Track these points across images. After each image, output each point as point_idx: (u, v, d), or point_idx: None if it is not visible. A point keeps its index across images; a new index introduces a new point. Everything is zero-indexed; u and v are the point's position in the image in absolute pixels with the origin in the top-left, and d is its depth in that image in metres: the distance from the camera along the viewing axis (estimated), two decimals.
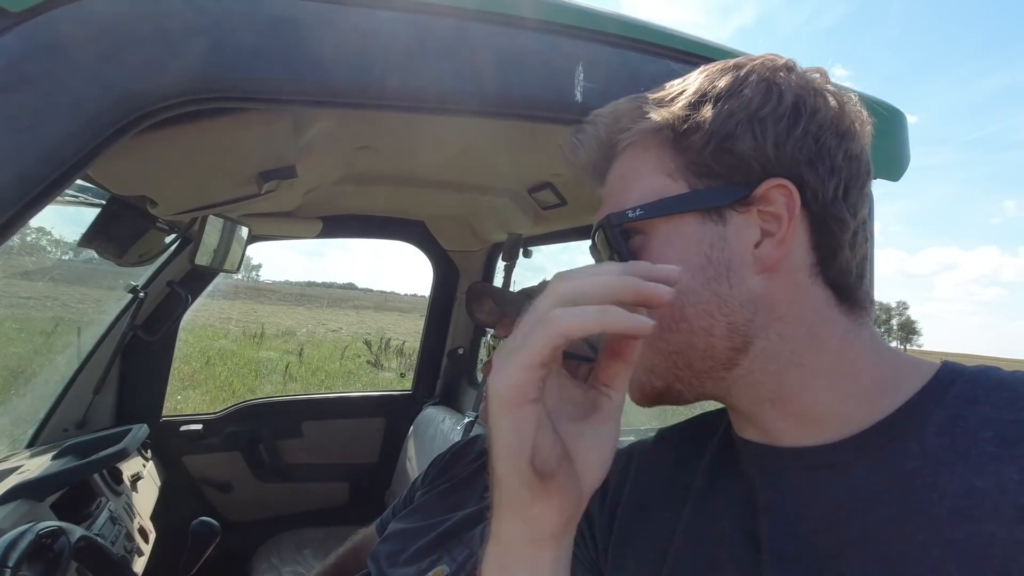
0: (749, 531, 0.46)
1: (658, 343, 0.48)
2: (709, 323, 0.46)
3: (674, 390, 0.49)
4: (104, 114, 0.47)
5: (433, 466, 1.21)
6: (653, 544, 0.52)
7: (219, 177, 0.90)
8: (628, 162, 0.51)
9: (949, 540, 0.38)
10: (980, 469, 0.39)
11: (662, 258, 0.47)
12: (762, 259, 0.46)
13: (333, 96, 0.54)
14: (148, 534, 1.54)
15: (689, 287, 0.46)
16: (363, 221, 2.15)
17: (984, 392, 0.42)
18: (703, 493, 0.52)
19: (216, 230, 1.37)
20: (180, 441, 2.10)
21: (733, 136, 0.46)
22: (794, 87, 0.47)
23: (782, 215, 0.45)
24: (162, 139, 0.64)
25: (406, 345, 12.34)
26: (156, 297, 1.90)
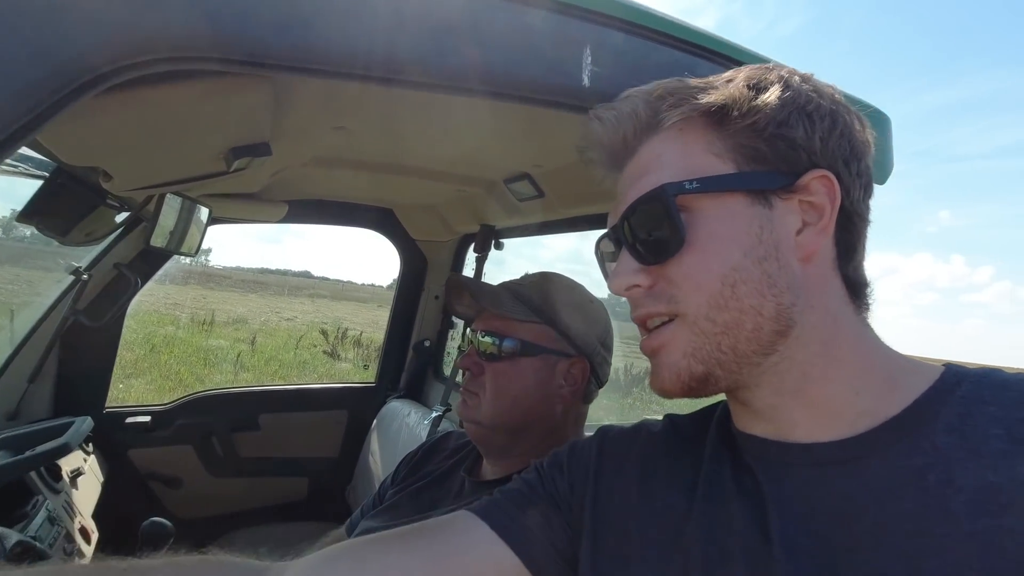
0: (760, 523, 0.46)
1: (705, 323, 0.48)
2: (760, 302, 0.47)
3: (712, 377, 0.49)
4: (55, 74, 0.41)
5: (404, 463, 1.17)
6: (662, 526, 0.52)
7: (185, 151, 0.82)
8: (670, 141, 0.50)
9: (968, 533, 0.39)
10: (993, 465, 0.41)
11: (714, 234, 0.48)
12: (803, 246, 0.48)
13: (321, 63, 0.49)
14: (90, 534, 1.44)
15: (741, 264, 0.47)
16: (330, 206, 2.07)
17: (991, 392, 0.44)
18: (712, 482, 0.52)
19: (173, 210, 1.28)
20: (126, 434, 1.98)
21: (787, 124, 0.47)
22: (827, 94, 0.51)
23: (824, 205, 0.48)
24: (123, 104, 0.57)
25: (364, 335, 12.11)
26: (101, 280, 1.77)
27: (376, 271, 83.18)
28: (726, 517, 0.49)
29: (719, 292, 0.47)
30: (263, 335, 12.30)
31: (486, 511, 0.57)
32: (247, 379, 8.68)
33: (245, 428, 2.18)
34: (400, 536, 0.57)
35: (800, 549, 0.44)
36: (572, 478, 0.59)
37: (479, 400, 0.98)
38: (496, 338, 0.98)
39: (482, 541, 0.54)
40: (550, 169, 1.36)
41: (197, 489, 2.08)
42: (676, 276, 0.48)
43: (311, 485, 2.29)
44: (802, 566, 0.43)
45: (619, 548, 0.53)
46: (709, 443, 0.55)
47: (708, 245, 0.48)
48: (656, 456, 0.57)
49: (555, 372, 0.97)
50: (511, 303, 0.99)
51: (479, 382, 0.99)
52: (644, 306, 0.51)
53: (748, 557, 0.46)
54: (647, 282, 0.50)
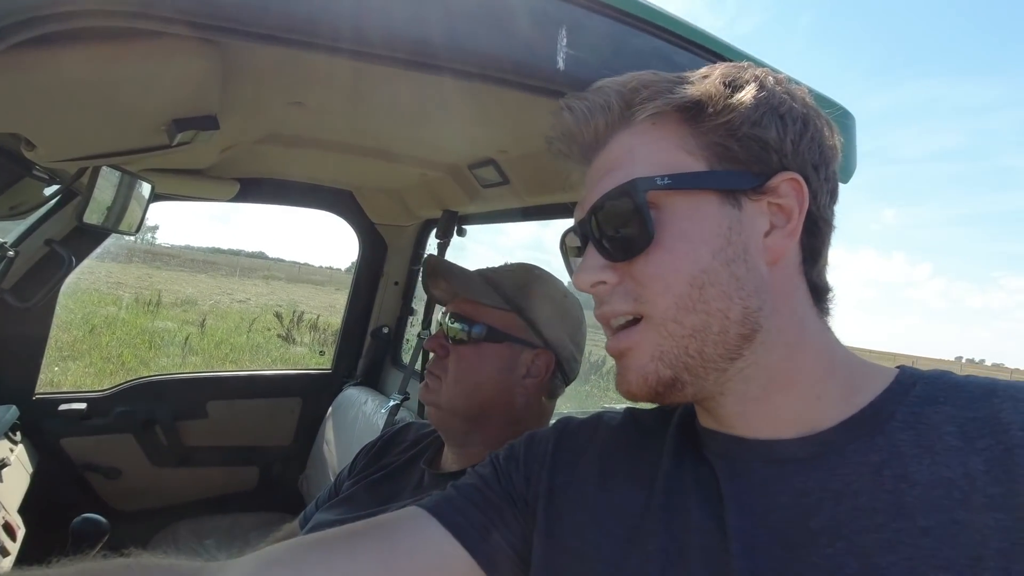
0: (718, 519, 0.47)
1: (672, 325, 0.47)
2: (727, 305, 0.46)
3: (679, 382, 0.48)
4: None
5: (363, 455, 1.13)
6: (619, 521, 0.51)
7: (119, 120, 0.74)
8: (642, 135, 0.49)
9: (922, 528, 0.40)
10: (947, 461, 0.42)
11: (683, 234, 0.47)
12: (771, 249, 0.48)
13: (276, 29, 0.45)
14: (15, 530, 1.34)
15: (710, 266, 0.46)
16: (286, 186, 1.97)
17: (944, 393, 0.46)
18: (671, 477, 0.51)
19: (111, 184, 1.18)
20: (58, 422, 1.85)
21: (760, 124, 0.47)
22: (800, 98, 0.50)
23: (792, 208, 0.48)
24: (41, 63, 0.50)
25: (320, 319, 11.83)
26: (30, 257, 1.64)
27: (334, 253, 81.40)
28: (684, 513, 0.49)
29: (687, 294, 0.46)
30: (213, 317, 11.85)
31: (437, 508, 0.55)
32: (196, 363, 8.35)
33: (191, 416, 2.08)
34: (345, 538, 0.54)
35: (757, 545, 0.44)
36: (528, 471, 0.58)
37: (440, 383, 0.98)
38: (464, 323, 0.97)
39: (432, 540, 0.53)
40: (516, 156, 1.33)
41: (138, 480, 1.97)
42: (643, 275, 0.48)
43: (261, 475, 2.22)
44: (758, 562, 0.43)
45: (574, 542, 0.52)
46: (670, 438, 0.54)
47: (677, 244, 0.47)
48: (615, 450, 0.56)
49: (519, 362, 0.96)
50: (482, 288, 0.98)
51: (443, 365, 0.98)
52: (609, 304, 0.50)
53: (705, 553, 0.46)
54: (613, 279, 0.49)
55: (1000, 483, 0.39)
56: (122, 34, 0.49)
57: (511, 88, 0.57)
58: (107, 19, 0.39)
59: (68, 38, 0.47)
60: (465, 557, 0.52)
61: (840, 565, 0.41)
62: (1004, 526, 0.38)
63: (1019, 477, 0.39)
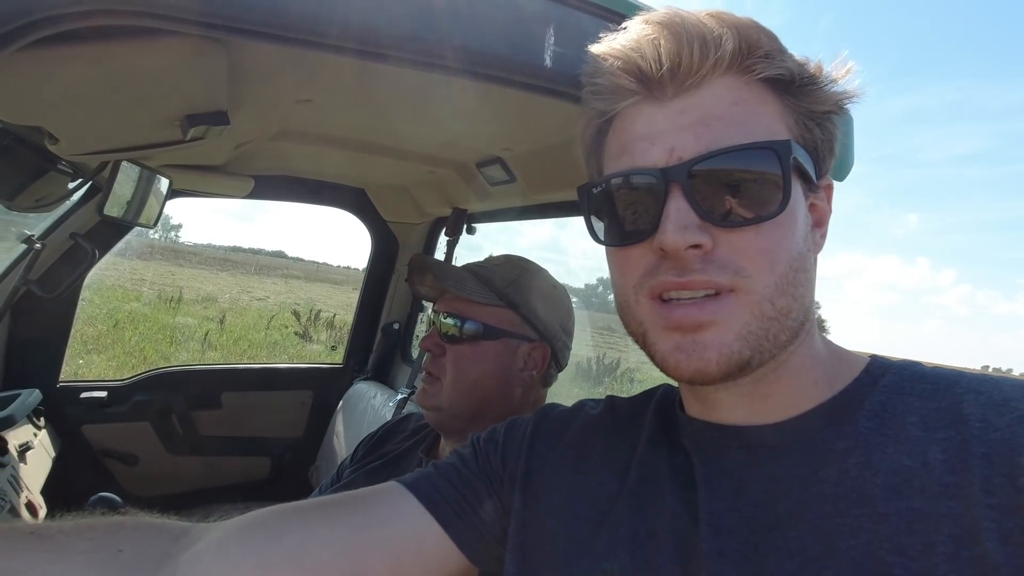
0: (689, 503, 0.48)
1: (766, 305, 0.43)
2: (805, 291, 0.46)
3: (749, 366, 0.44)
4: None
5: (363, 444, 1.17)
6: (592, 504, 0.52)
7: (135, 114, 0.79)
8: (742, 92, 0.45)
9: (881, 514, 0.41)
10: (908, 450, 0.42)
11: (794, 213, 0.45)
12: (817, 245, 0.48)
13: (273, 27, 0.47)
14: (37, 509, 1.40)
15: (802, 250, 0.45)
16: (300, 184, 2.02)
17: (910, 383, 0.46)
18: (646, 463, 0.52)
19: (130, 179, 1.23)
20: (80, 409, 1.92)
21: (828, 119, 0.47)
22: None
23: (825, 212, 0.48)
24: (64, 59, 0.54)
25: (337, 318, 11.96)
26: (56, 250, 1.70)
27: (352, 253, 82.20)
28: (656, 497, 0.50)
29: (786, 275, 0.44)
30: (233, 314, 12.06)
31: (415, 483, 0.56)
32: (214, 358, 8.51)
33: (206, 406, 2.14)
34: (323, 506, 0.55)
35: (725, 528, 0.45)
36: (505, 453, 0.59)
37: (440, 386, 0.97)
38: (458, 320, 0.97)
39: (407, 513, 0.54)
40: (520, 153, 1.35)
41: (154, 467, 2.04)
42: (751, 247, 0.43)
43: (273, 465, 2.27)
44: (726, 544, 0.44)
45: (547, 523, 0.54)
46: (647, 425, 0.55)
47: (788, 221, 0.44)
48: (593, 436, 0.58)
49: (516, 356, 0.98)
50: (474, 285, 0.99)
51: (440, 365, 0.98)
52: (703, 272, 0.43)
53: (675, 536, 0.47)
54: (709, 244, 0.43)
55: (955, 472, 0.40)
56: (132, 32, 0.52)
57: (496, 84, 0.59)
58: (115, 18, 0.42)
59: (83, 36, 0.51)
60: (438, 531, 0.54)
61: (803, 547, 0.42)
62: (956, 513, 0.39)
63: (973, 467, 0.40)
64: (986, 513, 0.38)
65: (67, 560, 0.45)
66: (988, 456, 0.39)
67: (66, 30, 0.43)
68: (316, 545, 0.50)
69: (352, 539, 0.51)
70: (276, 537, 0.51)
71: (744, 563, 0.43)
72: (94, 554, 0.46)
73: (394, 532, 0.53)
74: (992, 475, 0.39)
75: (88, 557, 0.45)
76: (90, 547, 0.46)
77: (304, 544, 0.50)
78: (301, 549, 0.50)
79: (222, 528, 0.52)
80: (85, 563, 0.45)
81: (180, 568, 0.47)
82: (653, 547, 0.47)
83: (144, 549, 0.48)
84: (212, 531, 0.51)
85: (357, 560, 0.51)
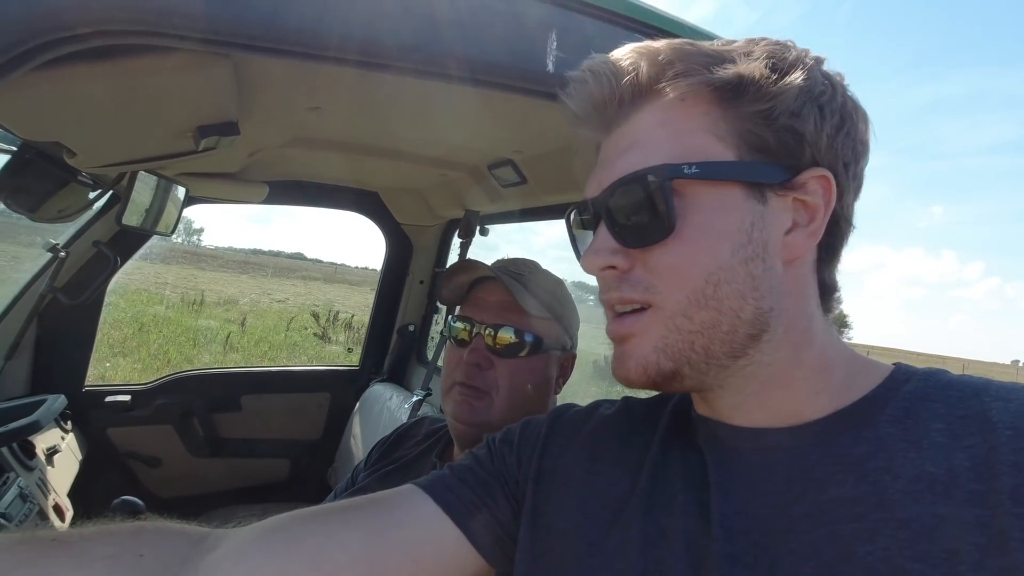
0: (701, 504, 0.47)
1: (680, 319, 0.46)
2: (740, 304, 0.45)
3: (679, 375, 0.47)
4: None
5: (377, 448, 1.17)
6: (603, 504, 0.52)
7: (148, 128, 0.80)
8: (668, 112, 0.46)
9: (901, 520, 0.40)
10: (932, 457, 0.41)
11: (705, 226, 0.45)
12: (791, 248, 0.46)
13: (274, 41, 0.48)
14: (64, 512, 1.44)
15: (728, 263, 0.45)
16: (314, 188, 2.05)
17: (935, 390, 0.45)
18: (659, 463, 0.52)
19: (148, 188, 1.26)
20: (105, 413, 1.97)
21: (800, 115, 0.44)
22: (840, 85, 0.47)
23: (818, 207, 0.46)
24: (76, 76, 0.55)
25: (355, 319, 12.08)
26: (80, 258, 1.75)
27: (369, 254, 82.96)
28: (669, 498, 0.49)
29: (701, 289, 0.45)
30: (253, 316, 12.26)
31: (431, 485, 0.56)
32: (236, 360, 8.66)
33: (226, 409, 2.18)
34: (340, 510, 0.55)
35: (737, 530, 0.44)
36: (520, 453, 0.59)
37: (489, 400, 0.92)
38: (516, 333, 0.93)
39: (424, 515, 0.54)
40: (531, 156, 1.35)
41: (177, 469, 2.08)
42: (658, 265, 0.46)
43: (292, 467, 2.30)
44: (738, 547, 0.44)
45: (559, 523, 0.53)
46: (662, 426, 0.55)
47: (698, 237, 0.45)
48: (606, 436, 0.57)
49: (554, 366, 0.97)
50: (527, 297, 0.95)
51: (487, 379, 0.93)
52: (618, 290, 0.48)
53: (687, 537, 0.46)
54: (625, 265, 0.47)
55: (982, 480, 0.39)
56: (142, 50, 0.53)
57: (501, 91, 0.59)
58: (123, 38, 0.43)
59: (95, 54, 0.52)
60: (455, 532, 0.53)
61: (818, 552, 0.41)
62: (983, 522, 0.38)
63: (1000, 474, 0.38)
64: (1015, 523, 0.37)
65: (90, 566, 0.46)
66: (1018, 464, 0.38)
67: (79, 49, 0.45)
68: (335, 549, 0.51)
69: (370, 542, 0.52)
70: (295, 541, 0.51)
71: (756, 566, 0.43)
72: (116, 560, 0.47)
73: (412, 535, 0.53)
74: (1022, 484, 0.37)
75: (110, 563, 0.46)
76: (112, 553, 0.47)
77: (323, 548, 0.51)
78: (320, 553, 0.50)
79: (241, 533, 0.52)
80: (107, 569, 0.46)
81: (200, 573, 0.48)
82: (664, 548, 0.47)
83: (164, 554, 0.49)
84: (231, 536, 0.52)
85: (376, 563, 0.51)
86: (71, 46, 0.44)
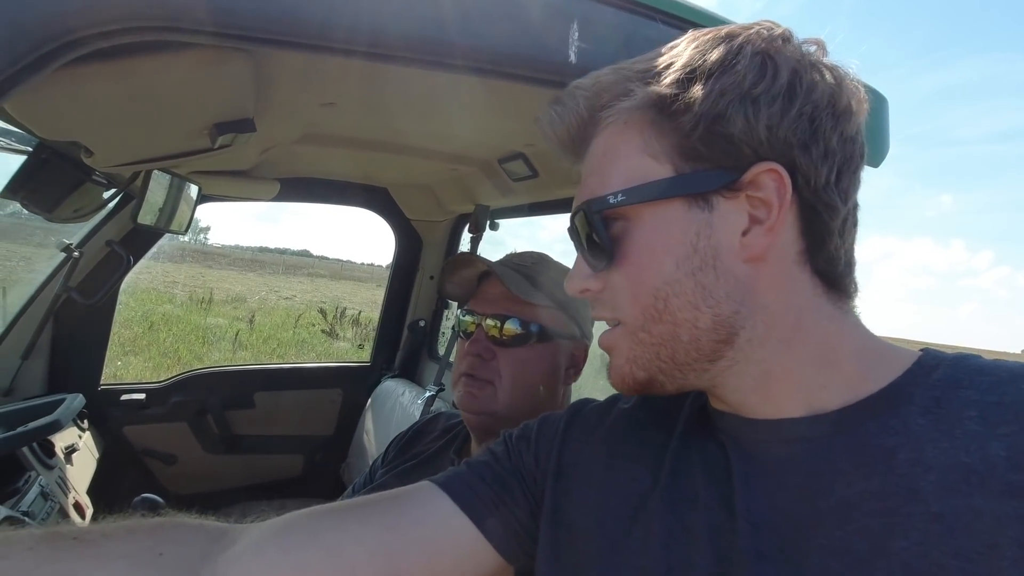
0: (726, 499, 0.46)
1: (642, 334, 0.48)
2: (694, 315, 0.46)
3: (656, 382, 0.49)
4: (18, 40, 0.39)
5: (394, 444, 1.17)
6: (623, 497, 0.51)
7: (166, 126, 0.80)
8: (611, 139, 0.48)
9: (935, 514, 0.38)
10: (965, 446, 0.40)
11: (647, 246, 0.47)
12: (750, 247, 0.45)
13: (293, 34, 0.48)
14: (85, 509, 1.45)
15: (673, 277, 0.46)
16: (324, 185, 2.05)
17: (967, 376, 0.44)
18: (679, 457, 0.51)
19: (162, 187, 1.26)
20: (121, 411, 1.99)
21: (724, 117, 0.44)
22: (790, 61, 0.45)
23: (772, 201, 0.44)
24: (96, 76, 0.55)
25: (362, 315, 12.12)
26: (93, 257, 1.76)
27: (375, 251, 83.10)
28: (691, 492, 0.48)
29: (652, 305, 0.46)
30: (261, 314, 12.32)
31: (448, 482, 0.56)
32: (245, 357, 8.71)
33: (240, 406, 2.19)
34: (357, 507, 0.55)
35: (764, 525, 0.43)
36: (538, 450, 0.58)
37: (494, 388, 0.94)
38: (518, 323, 0.94)
39: (441, 513, 0.54)
40: (544, 149, 1.34)
41: (192, 466, 2.10)
42: (615, 286, 0.49)
43: (306, 462, 2.31)
44: (765, 542, 0.43)
45: (579, 520, 0.53)
46: (682, 419, 0.54)
47: (640, 258, 0.47)
48: (626, 431, 0.57)
49: (563, 356, 0.97)
50: (527, 287, 0.96)
51: (491, 369, 0.95)
52: (595, 309, 0.52)
53: (711, 532, 0.45)
54: (597, 286, 0.50)
55: (1020, 469, 0.38)
56: (160, 47, 0.53)
57: (522, 83, 0.58)
58: (145, 35, 0.43)
59: (116, 53, 0.52)
60: (472, 530, 0.53)
61: (848, 547, 0.40)
62: (1022, 514, 0.36)
63: None
64: None
65: (111, 564, 0.46)
66: None
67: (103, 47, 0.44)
68: (352, 545, 0.51)
69: (388, 539, 0.52)
70: (312, 537, 0.51)
71: (784, 563, 0.42)
72: (136, 557, 0.47)
73: (429, 532, 0.53)
74: None
75: (131, 561, 0.47)
76: (132, 551, 0.47)
77: (340, 544, 0.51)
78: (338, 549, 0.50)
79: (259, 529, 0.52)
80: (128, 567, 0.46)
81: (219, 569, 0.48)
82: (688, 544, 0.46)
83: (184, 551, 0.49)
84: (249, 532, 0.52)
85: (393, 560, 0.51)
86: (96, 44, 0.43)
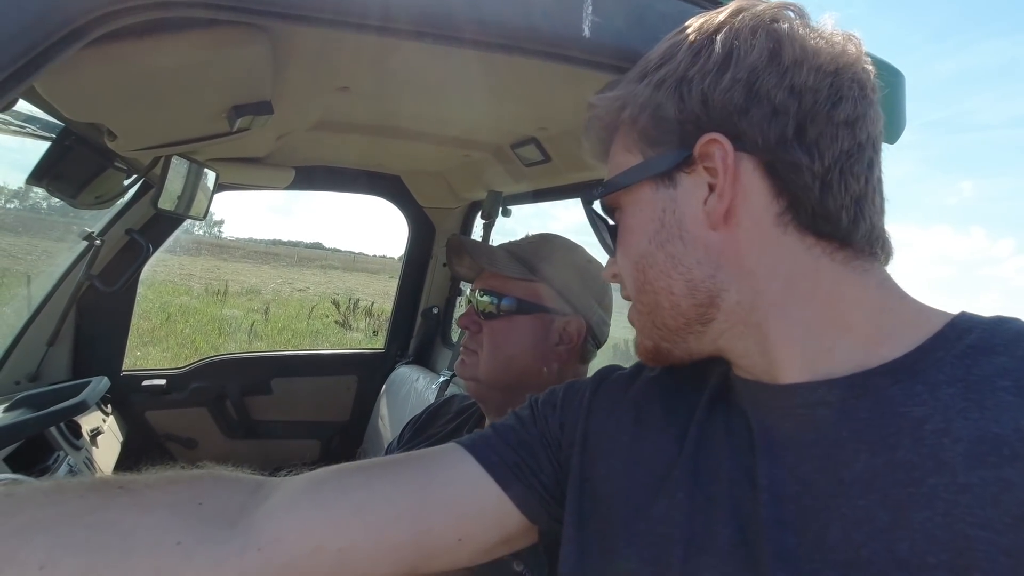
0: (747, 468, 0.46)
1: (639, 306, 0.54)
2: (668, 283, 0.50)
3: (662, 349, 0.54)
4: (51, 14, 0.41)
5: (409, 427, 1.19)
6: (649, 469, 0.52)
7: (186, 108, 0.82)
8: (618, 139, 0.55)
9: (962, 485, 0.37)
10: (997, 417, 0.38)
11: (627, 229, 0.53)
12: (711, 214, 0.48)
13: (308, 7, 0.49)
14: None
15: (647, 250, 0.51)
16: (337, 173, 2.07)
17: (1003, 342, 0.42)
18: (704, 427, 0.52)
19: (180, 174, 1.28)
20: (142, 396, 2.04)
21: (660, 105, 0.49)
22: (731, 34, 0.47)
23: (716, 169, 0.47)
24: (118, 56, 0.56)
25: (375, 306, 12.21)
26: (114, 246, 1.80)
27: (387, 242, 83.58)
28: (714, 462, 0.49)
29: (637, 278, 0.53)
30: (276, 305, 12.46)
31: (474, 445, 0.57)
32: (261, 347, 8.82)
33: (257, 392, 2.23)
34: (386, 465, 0.57)
35: (786, 495, 0.43)
36: (563, 417, 0.59)
37: (477, 358, 1.01)
38: (493, 296, 1.00)
39: (467, 474, 0.55)
40: (556, 133, 1.34)
41: (212, 450, 2.14)
42: (621, 267, 0.56)
43: (323, 448, 2.35)
44: (786, 511, 0.43)
45: (604, 488, 0.53)
46: (708, 389, 0.54)
47: (625, 239, 0.54)
48: (651, 400, 0.57)
49: (551, 330, 0.98)
50: (506, 262, 1.01)
51: (477, 340, 1.01)
52: (622, 291, 0.58)
53: (733, 502, 0.46)
54: (614, 270, 0.58)
55: None
56: (182, 25, 0.54)
57: (535, 58, 0.59)
58: (166, 10, 0.44)
59: (138, 32, 0.53)
60: (498, 492, 0.54)
61: (870, 517, 0.39)
62: None
63: None
64: None
65: (154, 511, 0.48)
66: None
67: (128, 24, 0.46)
68: (381, 502, 0.52)
69: (415, 498, 0.53)
70: (343, 493, 0.53)
71: (805, 532, 0.41)
72: (178, 507, 0.49)
73: (455, 493, 0.54)
74: None
75: (173, 509, 0.49)
76: (173, 500, 0.50)
77: (369, 500, 0.52)
78: (366, 506, 0.52)
79: (293, 484, 0.54)
80: (169, 515, 0.48)
81: (256, 522, 0.50)
82: (711, 514, 0.46)
83: (222, 502, 0.52)
84: (284, 486, 0.54)
85: (419, 519, 0.52)
86: (124, 19, 0.45)
